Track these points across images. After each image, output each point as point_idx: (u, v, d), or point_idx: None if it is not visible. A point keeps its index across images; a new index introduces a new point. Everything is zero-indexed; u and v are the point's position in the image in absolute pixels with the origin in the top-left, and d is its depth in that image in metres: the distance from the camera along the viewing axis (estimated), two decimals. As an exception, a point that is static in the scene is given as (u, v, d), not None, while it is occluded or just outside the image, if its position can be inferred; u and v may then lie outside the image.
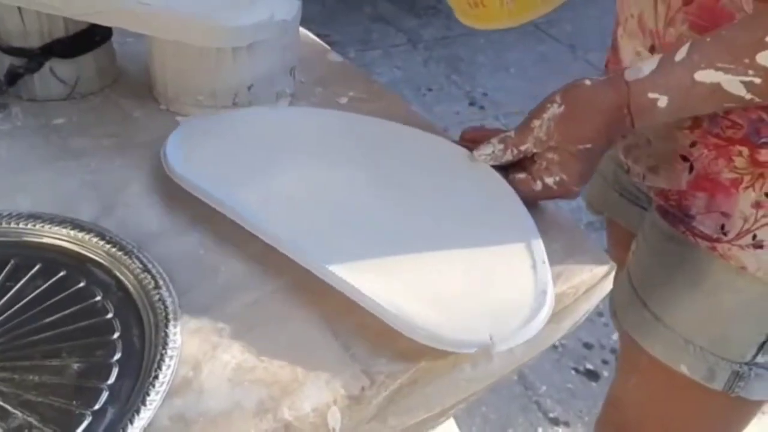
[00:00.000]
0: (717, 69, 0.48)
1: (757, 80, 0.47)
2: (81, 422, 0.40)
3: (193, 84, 0.67)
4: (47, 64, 0.67)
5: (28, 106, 0.68)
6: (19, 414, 0.40)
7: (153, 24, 0.64)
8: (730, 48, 0.48)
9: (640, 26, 0.58)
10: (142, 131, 0.66)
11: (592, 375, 1.42)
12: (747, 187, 0.55)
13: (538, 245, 0.51)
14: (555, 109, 0.53)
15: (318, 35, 0.86)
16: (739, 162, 0.55)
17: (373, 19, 2.76)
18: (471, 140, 0.61)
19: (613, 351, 1.47)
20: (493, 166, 0.58)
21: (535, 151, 0.55)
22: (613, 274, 0.56)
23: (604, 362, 1.44)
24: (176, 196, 0.58)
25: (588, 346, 1.48)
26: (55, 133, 0.65)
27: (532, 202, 0.56)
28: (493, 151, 0.57)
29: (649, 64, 0.51)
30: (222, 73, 0.65)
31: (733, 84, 0.48)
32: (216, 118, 0.65)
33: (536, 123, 0.54)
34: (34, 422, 0.40)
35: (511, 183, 0.57)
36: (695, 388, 0.61)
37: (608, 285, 0.56)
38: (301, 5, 0.70)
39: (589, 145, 0.53)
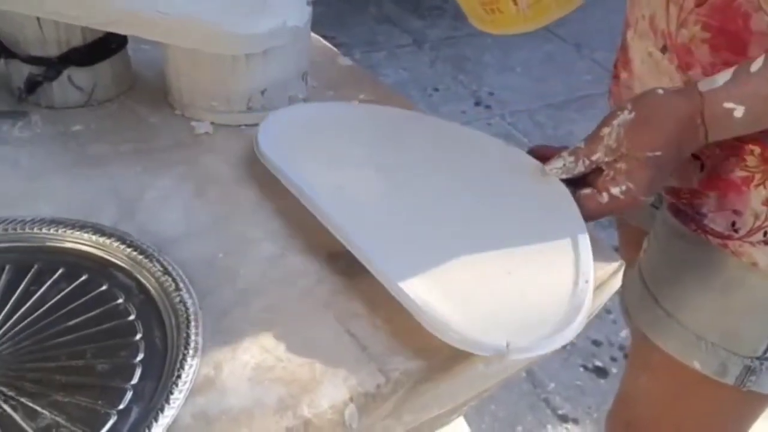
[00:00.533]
0: None
1: None
2: (107, 421, 0.41)
3: (208, 90, 0.68)
4: (65, 72, 0.69)
5: (46, 114, 0.70)
6: (48, 414, 0.42)
7: (168, 32, 0.65)
8: None
9: (652, 27, 0.59)
10: (158, 137, 0.67)
11: (601, 372, 1.43)
12: (758, 185, 0.56)
13: (587, 264, 0.51)
14: (625, 116, 0.53)
15: (324, 37, 0.88)
16: (750, 160, 0.55)
17: (378, 20, 2.78)
18: (538, 158, 0.60)
19: (621, 348, 1.47)
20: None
21: (606, 160, 0.54)
22: (621, 271, 0.57)
23: (613, 359, 1.45)
24: (193, 201, 0.60)
25: (596, 343, 1.49)
26: (73, 140, 0.66)
27: (598, 218, 0.55)
28: (564, 164, 0.56)
29: (723, 75, 0.51)
30: (236, 79, 0.67)
31: None
32: (309, 109, 0.68)
33: (606, 131, 0.53)
34: (62, 422, 0.41)
35: (578, 200, 0.55)
36: (707, 383, 0.62)
37: (617, 282, 0.57)
38: (311, 11, 0.71)
39: (658, 153, 0.52)
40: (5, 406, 0.42)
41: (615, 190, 0.53)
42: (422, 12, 2.87)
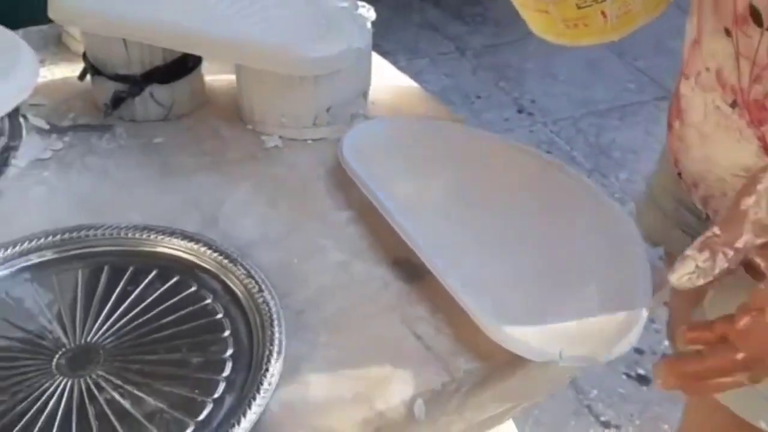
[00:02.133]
0: None
1: None
2: (203, 408, 0.46)
3: (278, 108, 0.73)
4: (147, 89, 0.75)
5: (129, 127, 0.76)
6: (152, 401, 0.47)
7: (241, 55, 0.71)
8: None
9: (719, 81, 0.53)
10: (232, 150, 0.73)
11: (643, 380, 1.44)
12: None
13: (646, 300, 0.53)
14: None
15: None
16: None
17: (421, 26, 2.82)
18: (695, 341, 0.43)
19: (664, 357, 1.49)
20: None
21: (758, 242, 0.39)
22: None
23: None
24: (267, 210, 0.65)
25: (639, 351, 1.50)
26: (155, 152, 0.72)
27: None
28: (697, 266, 0.41)
29: None
30: (304, 98, 0.72)
31: None
32: (391, 124, 0.74)
33: (749, 201, 0.39)
34: (165, 408, 0.46)
35: (734, 338, 0.39)
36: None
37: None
38: (372, 34, 0.76)
39: None
40: (114, 393, 0.47)
41: None
42: (465, 18, 2.91)
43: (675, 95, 0.62)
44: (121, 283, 0.56)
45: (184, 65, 0.76)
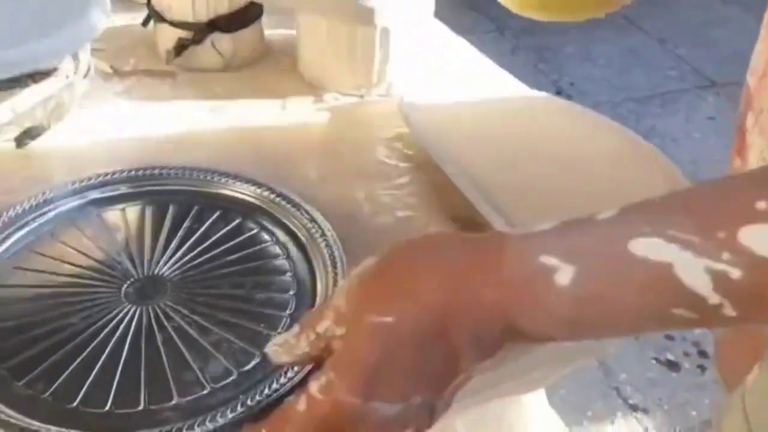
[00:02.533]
0: (669, 240, 0.29)
1: (735, 272, 0.28)
2: (269, 341, 0.47)
3: (337, 61, 0.73)
4: (209, 38, 0.75)
5: (189, 75, 0.76)
6: (217, 331, 0.48)
7: (305, 4, 0.71)
8: (696, 212, 0.29)
9: None
10: (291, 103, 0.73)
11: (673, 365, 1.44)
12: None
13: None
14: (366, 263, 0.35)
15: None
16: None
17: (462, 5, 2.79)
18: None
19: (695, 344, 1.48)
20: None
21: (338, 333, 0.34)
22: None
23: (686, 354, 1.46)
24: (325, 162, 0.65)
25: (670, 337, 1.49)
26: (216, 101, 0.73)
27: None
28: (286, 340, 0.37)
29: (549, 223, 0.33)
30: (364, 51, 0.72)
31: (693, 270, 0.28)
32: (453, 82, 0.75)
33: (340, 283, 0.37)
34: (231, 338, 0.47)
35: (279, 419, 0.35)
36: None
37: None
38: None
39: (389, 319, 0.32)
40: (182, 322, 0.48)
41: (314, 387, 0.33)
42: (506, -1, 2.88)
43: (740, 128, 0.56)
44: (186, 221, 0.57)
45: (246, 15, 0.77)
